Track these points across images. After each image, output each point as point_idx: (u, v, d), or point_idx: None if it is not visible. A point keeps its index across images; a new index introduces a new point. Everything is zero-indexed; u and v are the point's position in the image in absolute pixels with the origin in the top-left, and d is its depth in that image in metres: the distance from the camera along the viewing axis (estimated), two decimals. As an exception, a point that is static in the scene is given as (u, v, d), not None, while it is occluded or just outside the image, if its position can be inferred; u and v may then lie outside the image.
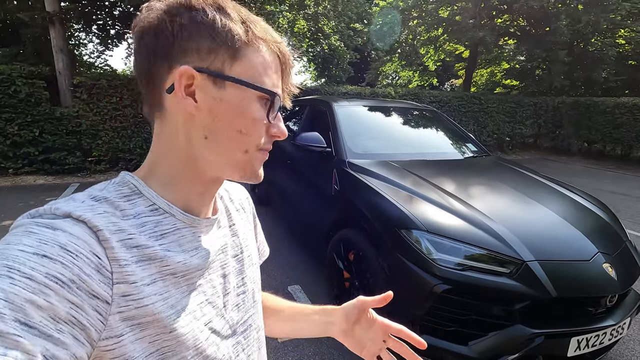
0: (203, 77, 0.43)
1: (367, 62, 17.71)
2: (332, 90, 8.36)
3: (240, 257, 0.57)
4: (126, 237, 0.40)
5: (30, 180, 5.69)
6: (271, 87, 0.45)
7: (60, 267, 0.33)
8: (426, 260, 1.73)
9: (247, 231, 0.62)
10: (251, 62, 0.44)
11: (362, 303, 0.65)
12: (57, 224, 0.36)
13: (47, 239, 0.34)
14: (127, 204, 0.43)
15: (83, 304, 0.34)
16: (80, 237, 0.36)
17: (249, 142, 0.46)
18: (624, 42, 11.56)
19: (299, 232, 3.38)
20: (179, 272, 0.44)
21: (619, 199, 5.77)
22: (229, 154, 0.46)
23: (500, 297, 1.66)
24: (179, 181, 0.47)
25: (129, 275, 0.38)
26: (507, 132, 10.36)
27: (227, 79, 0.43)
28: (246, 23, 0.45)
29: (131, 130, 6.29)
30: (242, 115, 0.44)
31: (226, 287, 0.52)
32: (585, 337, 1.66)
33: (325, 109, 3.30)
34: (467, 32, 10.56)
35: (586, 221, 2.07)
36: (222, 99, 0.43)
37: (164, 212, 0.45)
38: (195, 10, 0.42)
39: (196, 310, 0.45)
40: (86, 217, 0.38)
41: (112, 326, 0.36)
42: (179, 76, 0.42)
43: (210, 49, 0.42)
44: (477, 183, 2.51)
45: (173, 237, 0.45)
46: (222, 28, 0.42)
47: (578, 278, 1.71)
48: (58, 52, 6.31)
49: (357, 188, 2.35)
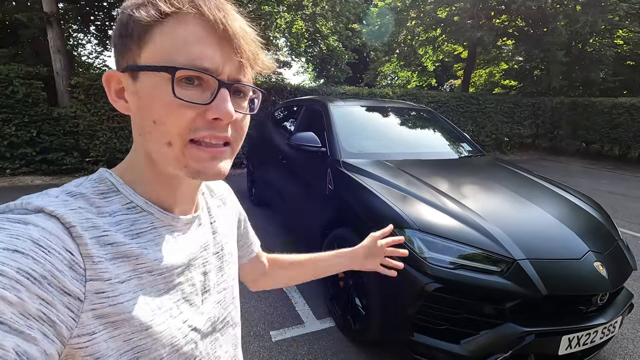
0: (125, 76, 0.42)
1: (366, 63, 17.73)
2: (330, 90, 8.36)
3: (221, 254, 0.57)
4: (101, 233, 0.39)
5: (27, 181, 5.69)
6: (190, 62, 0.39)
7: (32, 262, 0.32)
8: (418, 259, 1.74)
9: (228, 227, 0.62)
10: (157, 43, 0.40)
11: (375, 237, 0.87)
12: (29, 219, 0.36)
13: (18, 234, 0.34)
14: (103, 202, 0.42)
15: (54, 300, 0.33)
16: (53, 232, 0.35)
17: (168, 132, 0.40)
18: (622, 42, 11.58)
19: (294, 231, 3.38)
20: (155, 270, 0.43)
21: (617, 199, 5.78)
22: (157, 150, 0.42)
23: (491, 296, 1.66)
24: (148, 179, 0.46)
25: (103, 273, 0.38)
26: (505, 132, 10.38)
27: (133, 69, 0.41)
28: (153, 2, 0.40)
29: (128, 130, 6.27)
30: (154, 103, 0.40)
31: (206, 284, 0.52)
32: (576, 335, 1.67)
33: (320, 109, 3.30)
34: (466, 32, 10.58)
35: (578, 220, 2.08)
36: (137, 91, 0.41)
37: (141, 210, 0.45)
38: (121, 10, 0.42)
39: (172, 308, 0.45)
40: (59, 213, 0.37)
41: (85, 323, 0.36)
42: (105, 82, 0.43)
43: (124, 45, 0.41)
44: (471, 183, 2.52)
45: (150, 236, 0.44)
46: (127, 19, 0.40)
47: (569, 276, 1.71)
48: (56, 53, 6.32)
49: (351, 187, 2.35)
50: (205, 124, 0.41)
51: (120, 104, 0.44)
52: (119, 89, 0.44)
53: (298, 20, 11.48)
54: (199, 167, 0.42)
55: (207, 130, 0.41)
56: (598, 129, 9.78)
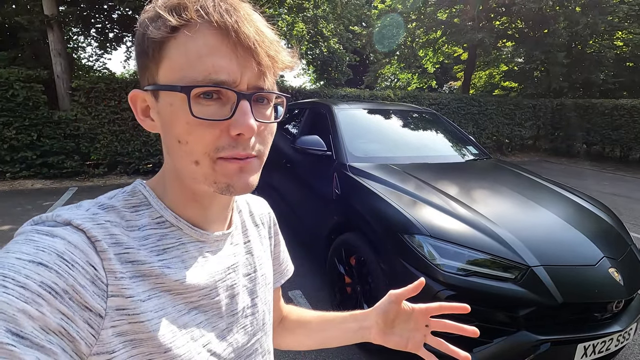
0: (147, 95, 0.42)
1: (366, 65, 17.74)
2: (331, 92, 8.34)
3: (253, 277, 0.54)
4: (123, 250, 0.38)
5: (28, 185, 5.65)
6: (204, 76, 0.37)
7: (55, 276, 0.32)
8: (429, 266, 1.71)
9: (264, 249, 0.59)
10: (171, 59, 0.38)
11: (397, 296, 0.60)
12: (57, 231, 0.35)
13: (44, 246, 0.33)
14: (133, 215, 0.42)
15: (74, 315, 0.33)
16: (78, 246, 0.35)
17: (192, 151, 0.39)
18: (622, 44, 11.60)
19: (300, 236, 3.35)
20: (175, 290, 0.41)
21: (621, 201, 5.76)
22: (186, 168, 0.41)
23: (505, 303, 1.63)
24: (178, 195, 0.45)
25: (125, 289, 0.37)
26: (506, 134, 10.36)
27: (151, 88, 0.40)
28: (161, 18, 0.37)
29: (130, 133, 6.26)
30: (174, 122, 0.39)
31: (233, 308, 0.49)
32: (591, 343, 1.64)
33: (325, 112, 3.28)
34: (466, 34, 10.59)
35: (590, 225, 2.05)
36: (159, 111, 0.41)
37: (170, 225, 0.43)
38: (138, 25, 0.41)
39: (194, 330, 0.43)
40: (85, 227, 0.37)
41: (105, 341, 0.35)
42: (130, 101, 0.42)
43: (143, 63, 0.41)
44: (479, 186, 2.49)
45: (176, 252, 0.43)
46: (142, 38, 0.39)
47: (584, 283, 1.68)
48: (56, 56, 6.30)
49: (358, 192, 2.32)
50: (229, 141, 0.39)
51: (148, 122, 0.43)
52: (144, 107, 0.43)
53: (299, 22, 11.48)
54: (229, 181, 0.41)
55: (230, 149, 0.39)
56: (599, 130, 9.78)
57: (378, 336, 0.62)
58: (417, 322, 0.61)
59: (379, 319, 0.61)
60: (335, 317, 0.67)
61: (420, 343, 0.60)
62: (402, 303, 0.61)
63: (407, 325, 0.61)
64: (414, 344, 0.60)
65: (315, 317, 0.70)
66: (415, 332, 0.61)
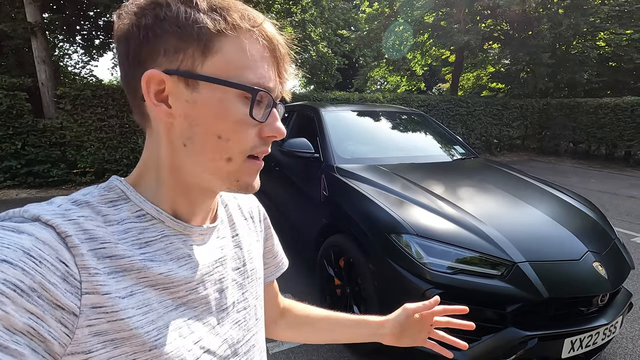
0: (173, 79, 0.39)
1: (355, 68, 17.86)
2: (320, 96, 8.36)
3: (242, 270, 0.53)
4: (98, 246, 0.36)
5: (12, 195, 5.53)
6: (258, 80, 0.40)
7: (20, 273, 0.30)
8: (417, 265, 1.71)
9: (254, 242, 0.58)
10: (227, 55, 0.39)
11: (413, 311, 0.69)
12: (24, 227, 0.34)
13: (9, 243, 0.32)
14: (111, 209, 0.40)
15: (44, 314, 0.31)
16: (46, 242, 0.33)
17: (230, 148, 0.41)
18: (604, 44, 11.85)
19: (289, 239, 3.33)
20: (160, 284, 0.40)
21: (607, 197, 5.85)
22: (211, 164, 0.41)
23: (492, 300, 1.64)
24: (166, 191, 0.44)
25: (101, 286, 0.35)
26: (494, 134, 10.50)
27: (198, 78, 0.39)
28: (217, 11, 0.39)
29: (117, 140, 6.18)
30: (220, 118, 0.40)
31: (222, 302, 0.48)
32: (578, 337, 1.65)
33: (312, 115, 3.28)
34: (453, 36, 10.72)
35: (575, 220, 2.07)
36: (196, 101, 0.39)
37: (152, 219, 0.42)
38: (160, 6, 0.39)
39: (182, 327, 0.41)
40: (55, 222, 0.35)
41: (80, 340, 0.33)
42: (145, 82, 0.39)
43: (177, 47, 0.39)
44: (466, 185, 2.51)
45: (160, 245, 0.42)
46: (186, 21, 0.38)
47: (569, 278, 1.70)
48: (40, 63, 6.21)
49: (346, 193, 2.32)
50: (261, 140, 0.43)
51: (162, 109, 0.40)
52: (159, 90, 0.40)
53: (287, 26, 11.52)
54: (250, 180, 0.44)
55: (263, 146, 0.44)
56: (584, 129, 9.95)
57: (392, 341, 0.71)
58: (424, 323, 0.70)
59: (395, 330, 0.69)
60: (346, 321, 0.72)
61: (425, 338, 0.71)
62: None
63: (416, 328, 0.70)
64: (422, 340, 0.71)
65: (324, 317, 0.73)
66: (422, 332, 0.71)
